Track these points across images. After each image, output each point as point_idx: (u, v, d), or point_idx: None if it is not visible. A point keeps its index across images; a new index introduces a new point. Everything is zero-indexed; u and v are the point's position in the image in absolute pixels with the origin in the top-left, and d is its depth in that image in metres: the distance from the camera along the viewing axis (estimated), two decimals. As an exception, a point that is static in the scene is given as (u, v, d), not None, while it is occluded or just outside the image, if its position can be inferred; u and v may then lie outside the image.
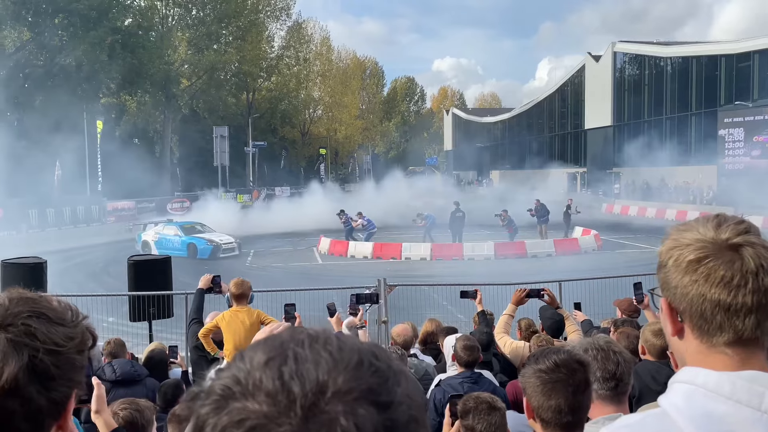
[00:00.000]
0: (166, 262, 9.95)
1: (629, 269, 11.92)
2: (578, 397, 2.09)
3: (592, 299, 9.16)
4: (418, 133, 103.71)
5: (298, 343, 0.66)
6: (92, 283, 17.31)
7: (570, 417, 2.08)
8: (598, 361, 2.41)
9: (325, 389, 0.61)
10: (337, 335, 0.68)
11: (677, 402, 1.09)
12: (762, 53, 41.21)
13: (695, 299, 1.13)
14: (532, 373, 2.14)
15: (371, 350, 0.67)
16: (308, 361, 0.63)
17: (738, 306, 1.10)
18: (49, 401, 0.98)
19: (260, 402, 0.60)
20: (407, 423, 0.63)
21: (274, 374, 0.62)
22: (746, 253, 1.10)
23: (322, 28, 73.37)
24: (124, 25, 46.63)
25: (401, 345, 5.54)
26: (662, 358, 4.19)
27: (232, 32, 56.84)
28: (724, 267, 1.10)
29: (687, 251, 1.14)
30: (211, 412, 0.61)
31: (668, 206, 41.24)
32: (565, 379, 2.08)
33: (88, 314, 1.15)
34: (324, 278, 19.47)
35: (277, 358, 0.63)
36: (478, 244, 25.54)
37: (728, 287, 1.10)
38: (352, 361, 0.64)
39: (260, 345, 0.67)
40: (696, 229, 1.16)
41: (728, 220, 1.16)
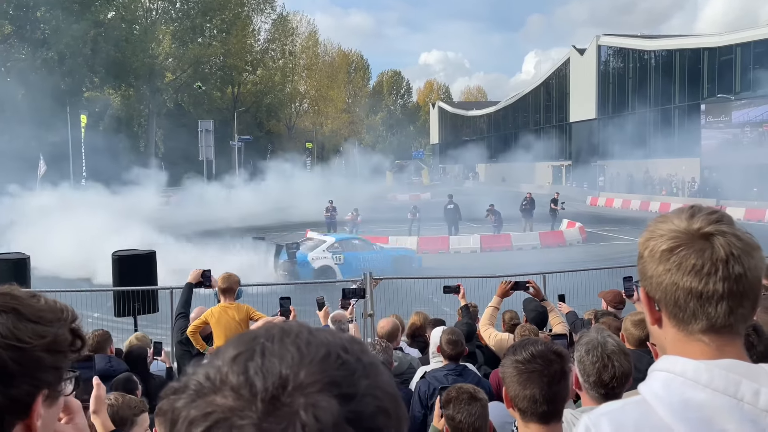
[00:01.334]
0: (151, 256, 9.91)
1: (613, 261, 12.06)
2: (553, 387, 2.11)
3: (576, 291, 9.25)
4: (404, 126, 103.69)
5: (269, 337, 0.67)
6: (77, 278, 17.21)
7: (545, 407, 2.11)
8: (595, 367, 2.44)
9: (286, 383, 0.62)
10: (311, 330, 0.69)
11: (656, 390, 1.12)
12: (744, 46, 41.58)
13: (669, 288, 1.16)
14: (510, 363, 2.18)
15: (342, 343, 0.68)
16: (274, 356, 0.65)
17: (709, 293, 1.12)
18: (8, 397, 0.96)
19: (226, 396, 0.62)
20: (373, 415, 0.64)
21: (239, 369, 0.64)
22: (717, 242, 1.13)
23: (308, 21, 73.11)
24: (107, 18, 46.15)
25: (386, 338, 5.57)
26: (641, 346, 4.29)
27: (217, 25, 56.47)
28: (695, 255, 1.13)
29: (661, 241, 1.17)
30: (184, 406, 0.64)
31: (652, 198, 41.61)
32: (540, 369, 2.12)
33: (78, 317, 1.14)
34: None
35: (245, 353, 0.65)
36: (464, 237, 25.68)
37: (699, 275, 1.12)
38: (318, 355, 0.65)
39: (234, 340, 0.69)
40: (671, 220, 1.19)
41: (702, 211, 1.18)
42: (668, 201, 39.51)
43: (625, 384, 2.51)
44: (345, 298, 6.07)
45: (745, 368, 1.09)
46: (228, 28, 56.28)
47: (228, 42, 55.72)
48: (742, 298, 1.13)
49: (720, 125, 41.71)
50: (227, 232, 27.92)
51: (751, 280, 1.13)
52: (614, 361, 2.45)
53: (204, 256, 16.67)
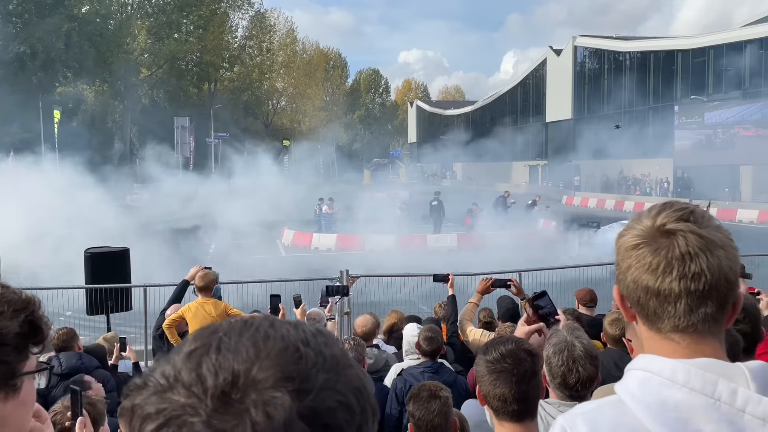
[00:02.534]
0: (125, 254, 9.77)
1: (588, 259, 12.16)
2: (523, 387, 2.11)
3: (551, 289, 9.34)
4: (382, 125, 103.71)
5: (228, 332, 0.66)
6: (49, 274, 16.92)
7: (515, 406, 2.11)
8: (561, 370, 2.46)
9: (237, 379, 0.61)
10: (274, 323, 0.67)
11: (633, 389, 1.10)
12: (716, 49, 42.29)
13: (630, 286, 1.15)
14: (482, 362, 2.19)
15: (303, 337, 0.66)
16: (229, 351, 0.63)
17: (666, 292, 1.11)
18: None
19: (179, 393, 0.61)
20: (332, 410, 0.62)
21: (192, 366, 0.63)
22: (676, 240, 1.11)
23: (286, 18, 72.76)
24: (81, 12, 45.46)
25: (362, 336, 5.58)
26: (619, 345, 4.35)
27: (193, 21, 55.92)
28: (651, 253, 1.12)
29: (628, 238, 1.16)
30: (140, 403, 0.63)
31: (626, 198, 42.17)
32: (509, 369, 2.12)
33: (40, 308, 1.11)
34: (288, 270, 19.35)
35: (200, 349, 0.64)
36: (441, 236, 25.80)
37: (655, 273, 1.11)
38: (274, 349, 0.64)
39: (194, 335, 0.68)
40: (645, 219, 1.17)
41: (672, 207, 1.16)
42: (642, 201, 40.04)
43: (589, 387, 2.54)
44: (329, 295, 6.05)
45: (722, 367, 1.08)
46: (205, 24, 55.76)
47: (205, 38, 55.22)
48: (703, 298, 1.10)
49: (693, 126, 42.37)
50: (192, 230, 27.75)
51: (713, 280, 1.10)
52: (579, 366, 2.47)
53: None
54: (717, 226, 1.15)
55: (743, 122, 39.33)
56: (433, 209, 27.92)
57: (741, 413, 1.03)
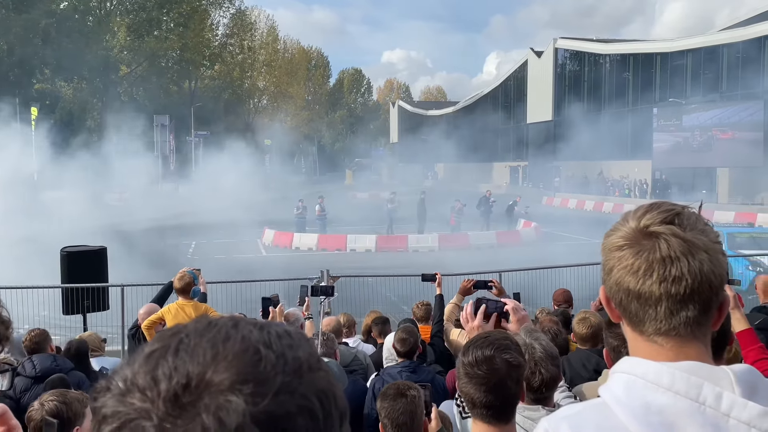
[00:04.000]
0: (102, 253, 9.65)
1: (567, 260, 12.24)
2: (492, 395, 2.09)
3: (531, 289, 9.38)
4: (364, 125, 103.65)
5: (189, 332, 0.64)
6: (25, 274, 16.66)
7: (483, 410, 2.11)
8: (526, 371, 2.46)
9: (190, 382, 0.60)
10: (237, 323, 0.66)
11: (617, 392, 1.09)
12: (695, 52, 42.86)
13: (613, 288, 1.14)
14: (460, 364, 2.19)
15: (265, 339, 0.64)
16: (187, 353, 0.62)
17: (646, 295, 1.10)
18: None
19: (134, 397, 0.60)
20: (290, 416, 0.60)
21: (149, 368, 0.62)
22: (659, 243, 1.10)
23: (267, 17, 72.43)
24: (60, 8, 44.85)
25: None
26: (587, 344, 4.38)
27: (174, 19, 55.46)
28: (633, 255, 1.11)
29: (614, 239, 1.15)
30: (101, 405, 0.62)
31: (606, 199, 42.55)
32: (482, 376, 2.10)
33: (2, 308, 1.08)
34: (268, 270, 19.25)
35: (159, 351, 0.63)
36: (422, 236, 25.84)
37: (636, 276, 1.10)
38: (231, 352, 0.62)
39: (157, 336, 0.66)
40: (631, 220, 1.16)
41: (659, 208, 1.15)
42: (621, 202, 40.45)
43: (553, 388, 2.57)
44: (313, 295, 6.00)
45: (707, 371, 1.07)
46: (185, 22, 55.31)
47: (185, 36, 54.76)
48: (684, 301, 1.09)
49: (671, 129, 42.88)
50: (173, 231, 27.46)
51: (695, 284, 1.09)
52: (541, 368, 2.49)
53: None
54: (703, 229, 1.13)
55: (720, 125, 39.89)
56: (419, 207, 28.13)
57: (726, 417, 1.02)
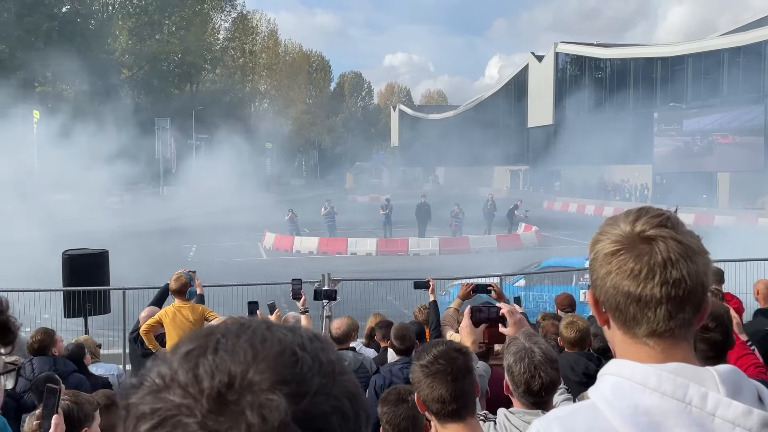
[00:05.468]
0: (104, 256, 9.66)
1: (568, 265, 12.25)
2: (458, 384, 2.15)
3: (533, 294, 9.40)
4: (365, 128, 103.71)
5: (225, 333, 0.66)
6: (27, 277, 16.64)
7: (455, 405, 2.15)
8: (524, 377, 2.49)
9: (233, 381, 0.61)
10: (270, 326, 0.68)
11: (605, 394, 1.12)
12: (695, 57, 42.91)
13: (610, 291, 1.16)
14: (417, 369, 2.23)
15: (300, 341, 0.66)
16: (227, 353, 0.63)
17: (647, 298, 1.12)
18: None
19: (174, 394, 0.61)
20: (326, 415, 0.63)
21: (189, 366, 0.63)
22: (657, 246, 1.13)
23: (269, 20, 72.58)
24: (62, 11, 44.95)
25: (339, 338, 5.60)
26: (575, 348, 4.42)
27: (176, 22, 55.54)
28: (633, 259, 1.13)
29: (606, 244, 1.18)
30: (136, 402, 0.63)
31: (606, 204, 42.57)
32: (443, 369, 2.16)
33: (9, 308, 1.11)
34: (269, 273, 19.26)
35: (197, 350, 0.64)
36: (423, 240, 25.85)
37: (636, 279, 1.13)
38: (271, 352, 0.64)
39: (191, 336, 0.68)
40: (619, 222, 1.19)
41: (648, 214, 1.18)
42: (622, 206, 40.35)
43: (553, 391, 2.59)
44: (316, 299, 6.00)
45: (692, 372, 1.10)
46: (187, 26, 55.40)
47: (187, 39, 54.87)
48: (682, 303, 1.13)
49: (672, 133, 42.91)
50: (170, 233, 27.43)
51: (692, 285, 1.13)
52: (541, 371, 2.50)
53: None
54: (690, 231, 1.17)
55: (721, 130, 39.92)
56: (419, 211, 27.93)
57: (711, 417, 1.06)
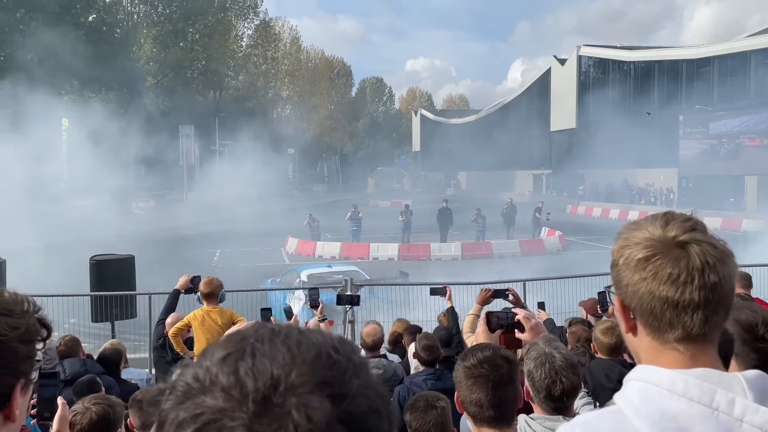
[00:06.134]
0: (130, 261, 9.79)
1: (592, 269, 12.13)
2: (499, 392, 2.15)
3: (556, 299, 9.31)
4: (386, 133, 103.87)
5: (258, 338, 0.67)
6: (54, 282, 16.93)
7: (492, 411, 2.15)
8: (545, 383, 2.48)
9: (278, 383, 0.62)
10: (301, 330, 0.69)
11: (632, 399, 1.12)
12: (721, 59, 42.32)
13: (645, 297, 1.16)
14: (461, 368, 2.24)
15: (332, 344, 0.68)
16: (265, 356, 0.64)
17: (686, 303, 1.12)
18: None
19: (216, 397, 0.62)
20: (365, 415, 0.64)
21: (229, 369, 0.63)
22: (693, 251, 1.13)
23: (291, 27, 73.11)
24: (88, 20, 45.75)
25: (370, 345, 5.58)
26: (612, 355, 4.33)
27: (199, 30, 56.22)
28: (671, 264, 1.13)
29: (636, 249, 1.17)
30: (172, 408, 0.63)
31: (631, 208, 42.07)
32: (486, 374, 2.16)
33: (43, 308, 1.15)
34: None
35: (235, 354, 0.65)
36: (445, 245, 25.77)
37: (675, 284, 1.13)
38: (309, 355, 0.65)
39: (223, 341, 0.68)
40: (645, 227, 1.19)
41: (676, 218, 1.19)
42: (646, 210, 39.92)
43: (574, 397, 2.57)
44: (338, 304, 6.01)
45: (719, 377, 1.10)
46: (210, 33, 56.07)
47: (210, 47, 55.52)
48: (717, 307, 1.13)
49: (698, 136, 42.34)
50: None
51: (726, 289, 1.14)
52: (562, 376, 2.49)
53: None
54: (714, 235, 1.18)
55: (748, 132, 39.29)
56: (442, 214, 27.87)
57: (739, 422, 1.05)
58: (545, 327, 6.39)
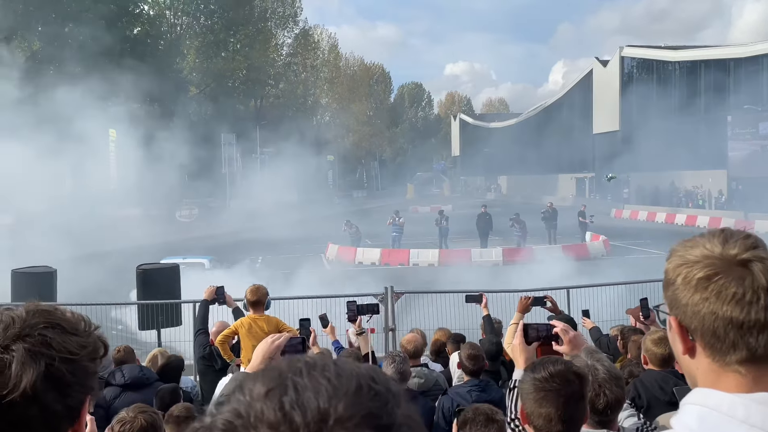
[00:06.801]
0: (175, 269, 9.98)
1: (638, 275, 11.86)
2: (569, 408, 2.12)
3: (601, 306, 9.12)
4: (425, 138, 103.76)
5: (296, 372, 0.66)
6: (103, 291, 17.36)
7: (560, 426, 2.12)
8: (588, 396, 2.43)
9: (326, 417, 0.61)
10: (336, 361, 0.69)
11: (690, 425, 1.08)
12: (771, 57, 41.07)
13: (707, 317, 1.11)
14: (529, 380, 2.20)
15: (369, 374, 0.67)
16: (308, 390, 0.63)
17: (751, 323, 1.09)
18: (65, 407, 1.03)
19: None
20: None
21: (275, 405, 0.62)
22: (756, 269, 1.09)
23: (329, 35, 73.74)
24: (134, 33, 47.00)
25: (411, 353, 5.54)
26: (664, 366, 4.18)
27: (240, 40, 57.17)
28: (735, 284, 1.09)
29: (696, 268, 1.13)
30: None
31: (678, 211, 41.07)
32: (557, 389, 2.12)
33: (99, 324, 1.19)
34: (333, 285, 19.44)
35: (277, 389, 0.64)
36: (486, 250, 25.53)
37: (740, 304, 1.09)
38: (351, 387, 0.64)
39: (258, 376, 0.67)
40: (703, 245, 1.14)
41: (735, 235, 1.14)
42: (695, 213, 38.95)
43: (618, 410, 2.54)
44: (359, 314, 5.99)
45: None
46: (251, 43, 56.99)
47: (251, 56, 56.41)
48: None
49: (747, 137, 41.12)
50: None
51: None
52: (605, 389, 2.45)
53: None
54: None
55: (801, 132, 38.00)
56: (480, 221, 27.67)
57: None
58: (592, 335, 6.27)
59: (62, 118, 36.73)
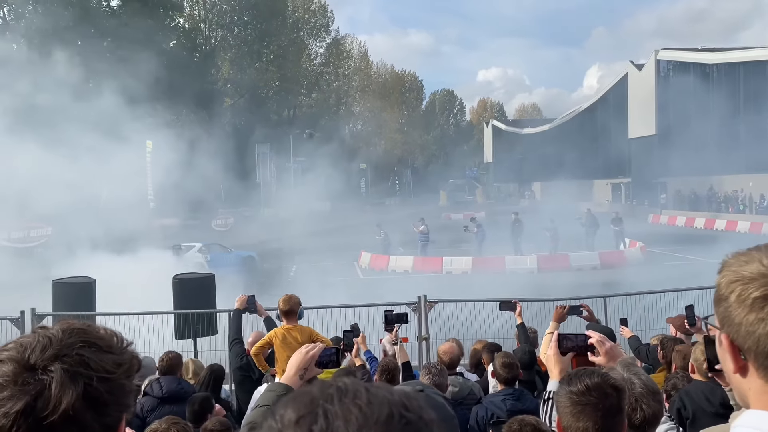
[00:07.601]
0: (211, 279, 10.10)
1: (677, 283, 11.61)
2: (607, 422, 2.07)
3: (639, 315, 8.94)
4: (457, 145, 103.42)
5: (327, 398, 0.65)
6: (139, 300, 17.64)
7: None
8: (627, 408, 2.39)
9: None
10: (368, 387, 0.68)
11: None
12: (814, 57, 39.96)
13: (762, 339, 1.07)
14: (565, 393, 2.15)
15: (401, 401, 0.66)
16: (339, 418, 0.63)
17: None
18: (103, 426, 1.03)
19: None
20: None
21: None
22: None
23: (360, 44, 74.18)
24: (170, 46, 47.97)
25: (447, 364, 5.49)
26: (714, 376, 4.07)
27: (273, 51, 57.90)
28: None
29: (752, 287, 1.08)
30: None
31: (717, 216, 40.10)
32: (595, 403, 2.07)
33: (133, 339, 1.19)
34: (366, 293, 19.43)
35: (308, 416, 0.63)
36: (520, 257, 25.24)
37: None
38: (382, 415, 0.64)
39: (290, 401, 0.67)
40: (758, 260, 1.09)
41: None
42: (735, 219, 37.99)
43: (655, 425, 2.48)
44: (388, 323, 5.97)
45: None
46: (284, 54, 57.69)
47: (284, 66, 57.07)
48: None
49: (790, 139, 40.02)
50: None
51: None
52: (642, 404, 2.39)
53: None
54: None
55: None
56: (513, 228, 27.50)
57: None
58: (631, 344, 6.14)
59: (100, 130, 37.58)
